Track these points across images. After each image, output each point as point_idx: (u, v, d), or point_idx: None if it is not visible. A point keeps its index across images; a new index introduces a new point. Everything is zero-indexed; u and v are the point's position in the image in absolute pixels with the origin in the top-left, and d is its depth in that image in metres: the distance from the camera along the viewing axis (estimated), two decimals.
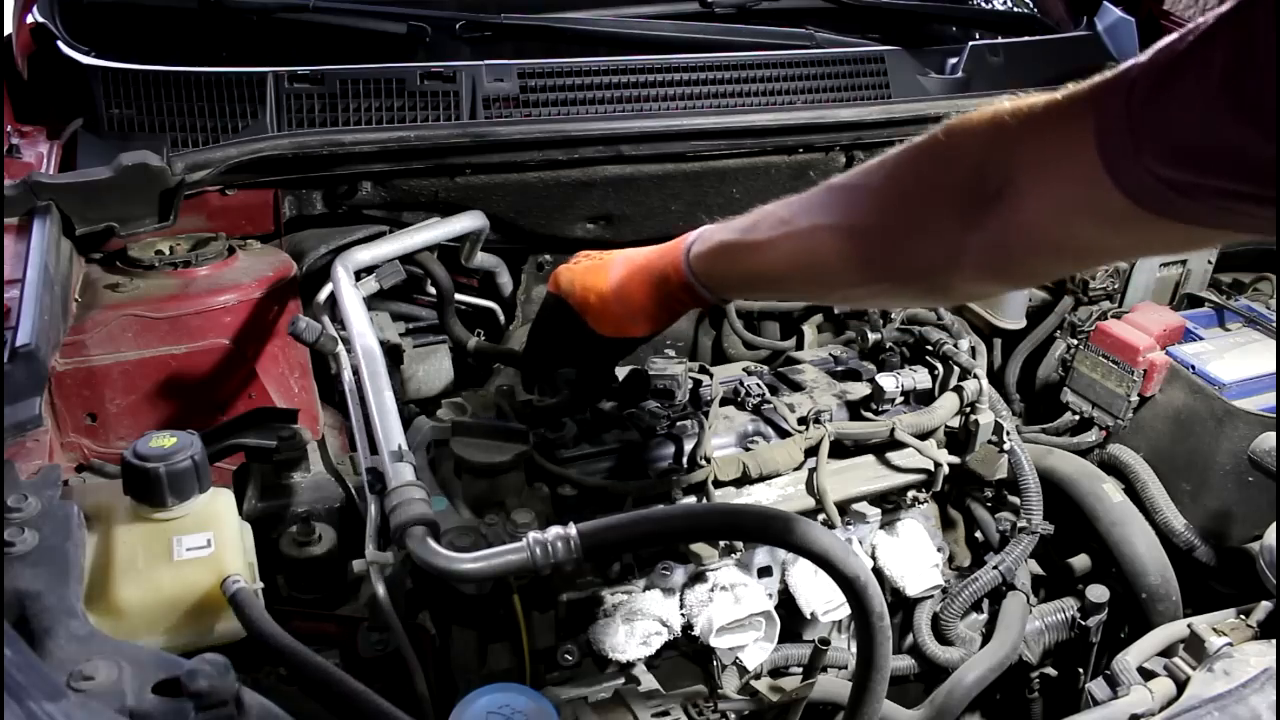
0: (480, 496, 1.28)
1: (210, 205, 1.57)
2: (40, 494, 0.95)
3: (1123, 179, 0.72)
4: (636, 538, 1.08)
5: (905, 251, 0.94)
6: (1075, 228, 0.80)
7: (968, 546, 1.68)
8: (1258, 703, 0.99)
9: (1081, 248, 0.84)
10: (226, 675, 0.70)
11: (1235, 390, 1.63)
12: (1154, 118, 0.69)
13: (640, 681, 1.29)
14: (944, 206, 0.89)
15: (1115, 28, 2.07)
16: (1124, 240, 0.81)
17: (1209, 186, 0.67)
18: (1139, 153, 0.70)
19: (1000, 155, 0.83)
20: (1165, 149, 0.69)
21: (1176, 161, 0.68)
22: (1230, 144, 0.64)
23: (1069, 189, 0.78)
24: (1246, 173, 0.65)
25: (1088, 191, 0.75)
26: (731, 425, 1.45)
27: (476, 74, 1.60)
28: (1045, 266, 0.92)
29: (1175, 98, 0.68)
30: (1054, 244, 0.84)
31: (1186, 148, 0.68)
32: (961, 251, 0.88)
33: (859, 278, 1.02)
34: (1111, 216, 0.75)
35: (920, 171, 0.92)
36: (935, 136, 0.89)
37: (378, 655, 1.11)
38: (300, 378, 1.51)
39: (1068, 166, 0.77)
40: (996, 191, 0.83)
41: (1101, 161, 0.73)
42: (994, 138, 0.84)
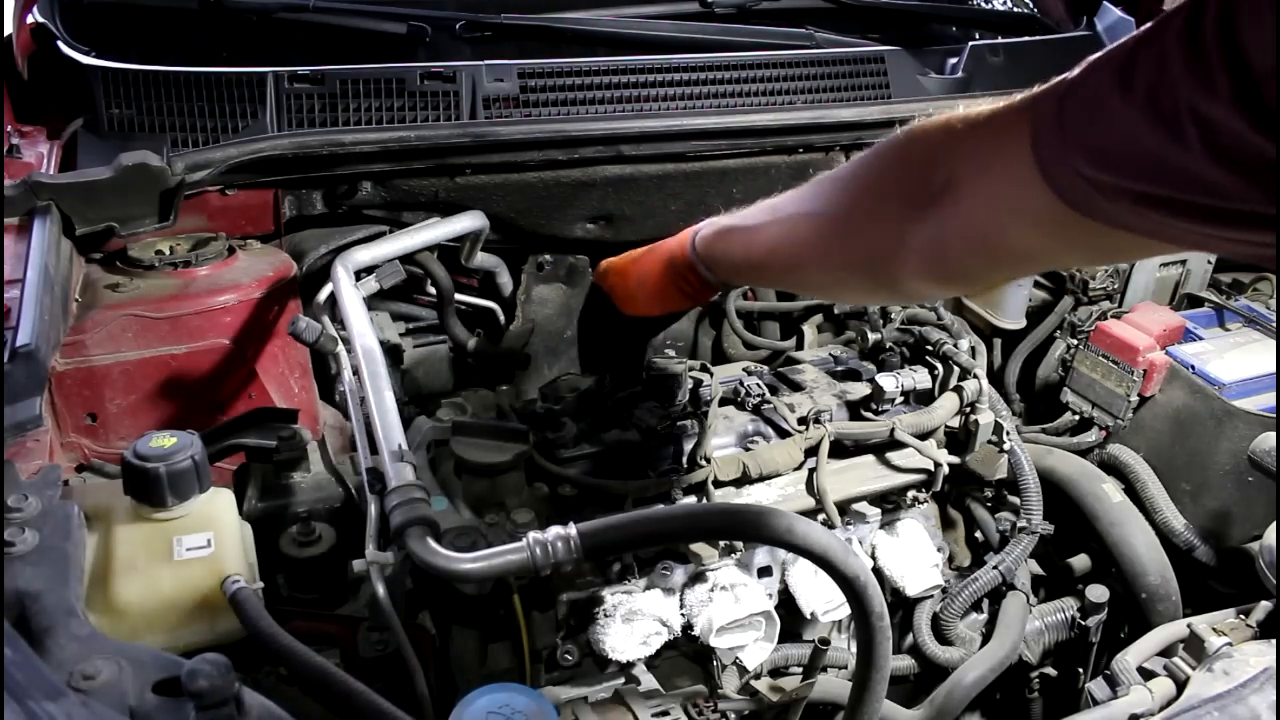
0: (480, 496, 1.28)
1: (210, 205, 1.57)
2: (40, 494, 0.94)
3: (1052, 177, 0.77)
4: (636, 538, 1.08)
5: (856, 239, 1.02)
6: (1009, 226, 0.85)
7: (968, 546, 1.68)
8: (1257, 703, 0.99)
9: (1015, 248, 0.88)
10: (226, 675, 0.70)
11: (1235, 390, 1.63)
12: (1083, 123, 0.75)
13: (640, 681, 1.30)
14: (893, 198, 0.95)
15: (1115, 28, 2.07)
16: (1056, 242, 0.85)
17: (1130, 191, 0.72)
18: (1068, 153, 0.75)
19: (946, 155, 0.89)
20: (1092, 152, 0.74)
21: (1102, 164, 0.73)
22: (1151, 152, 0.69)
23: (1003, 187, 0.83)
24: (1165, 179, 0.69)
25: (1020, 190, 0.80)
26: (731, 425, 1.45)
27: (476, 74, 1.60)
28: (982, 267, 0.96)
29: (1104, 106, 0.73)
30: (989, 242, 0.89)
31: (1111, 152, 0.72)
32: (903, 243, 0.95)
33: (822, 264, 1.10)
34: (1042, 216, 0.80)
35: (879, 165, 1.00)
36: (897, 135, 0.96)
37: (378, 655, 1.11)
38: (300, 378, 1.51)
39: (1003, 166, 0.82)
40: (940, 188, 0.89)
41: (1034, 160, 0.78)
42: (943, 139, 0.91)
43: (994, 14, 2.31)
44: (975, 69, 1.90)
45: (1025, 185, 0.79)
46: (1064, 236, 0.82)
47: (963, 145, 0.88)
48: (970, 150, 0.87)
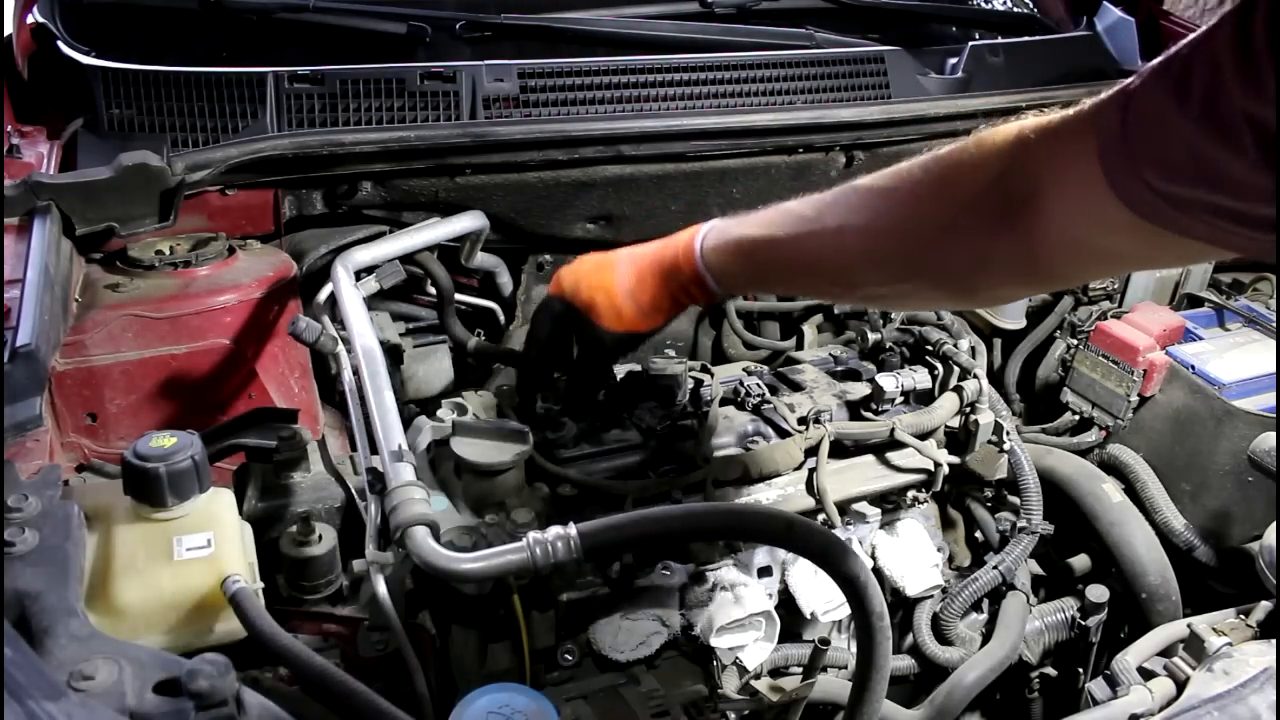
0: (480, 496, 1.28)
1: (210, 205, 1.57)
2: (40, 494, 0.94)
3: (1122, 192, 0.77)
4: (636, 538, 1.08)
5: (932, 253, 0.98)
6: (1093, 235, 0.86)
7: (968, 546, 1.68)
8: (1257, 703, 0.99)
9: (1104, 252, 0.89)
10: (226, 675, 0.70)
11: (1235, 390, 1.63)
12: (1146, 136, 0.75)
13: (640, 681, 1.30)
14: (971, 211, 0.93)
15: (1115, 28, 2.07)
16: (1136, 248, 0.86)
17: (1197, 201, 0.72)
18: (1135, 168, 0.75)
19: (1022, 165, 0.88)
20: (1157, 165, 0.74)
21: (1168, 177, 0.73)
22: (1213, 164, 0.69)
23: (1079, 201, 0.83)
24: (1227, 189, 0.70)
25: (1095, 201, 0.80)
26: (731, 425, 1.45)
27: (476, 74, 1.59)
28: (1071, 270, 0.99)
29: (1164, 118, 0.73)
30: (1078, 250, 0.90)
31: (1175, 164, 0.72)
32: (989, 256, 0.94)
33: (886, 277, 1.06)
34: (1119, 227, 0.80)
35: (950, 176, 0.96)
36: (965, 145, 0.95)
37: (378, 655, 1.11)
38: (300, 378, 1.51)
39: (1076, 178, 0.82)
40: (1021, 200, 0.88)
41: (1104, 176, 0.78)
42: (1016, 149, 0.90)
43: (994, 14, 2.31)
44: (975, 69, 1.90)
45: (1098, 197, 0.79)
46: (1144, 242, 0.82)
47: (1037, 156, 0.88)
48: (1044, 161, 0.87)
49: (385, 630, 1.09)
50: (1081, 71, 1.98)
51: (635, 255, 1.29)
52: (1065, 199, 0.85)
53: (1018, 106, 1.85)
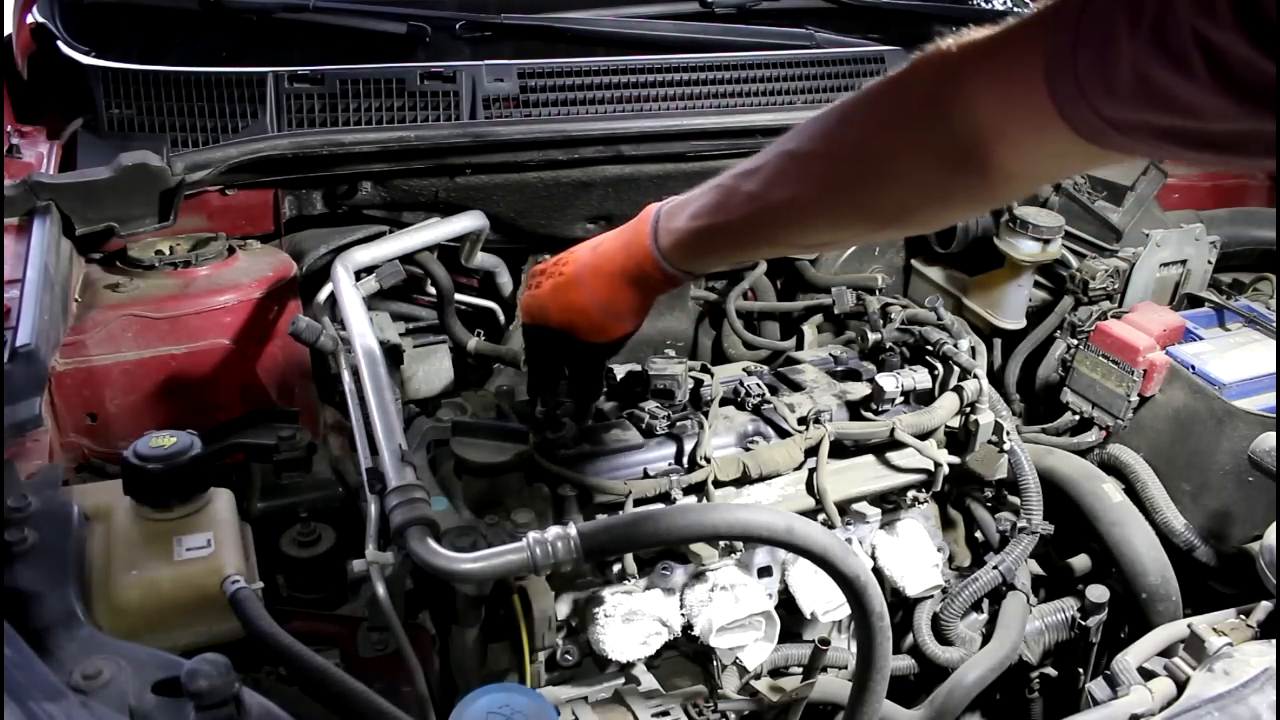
0: (480, 496, 1.28)
1: (210, 205, 1.57)
2: (40, 494, 0.95)
3: (1069, 117, 0.78)
4: (636, 538, 1.08)
5: (896, 200, 1.00)
6: (1041, 164, 0.91)
7: (968, 546, 1.68)
8: (1258, 703, 0.99)
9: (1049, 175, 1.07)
10: (226, 675, 0.70)
11: (1235, 390, 1.63)
12: (1095, 61, 0.75)
13: (640, 681, 1.30)
14: (928, 159, 0.94)
15: None
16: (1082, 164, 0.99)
17: (1145, 125, 0.74)
18: (1084, 92, 0.76)
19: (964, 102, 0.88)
20: (1105, 90, 0.75)
21: (1116, 101, 0.74)
22: (1161, 87, 0.70)
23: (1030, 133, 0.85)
24: (1179, 111, 0.71)
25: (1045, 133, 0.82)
26: (731, 425, 1.45)
27: (476, 74, 1.60)
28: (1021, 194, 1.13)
29: (1114, 41, 0.73)
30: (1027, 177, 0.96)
31: (1124, 89, 0.73)
32: (948, 194, 0.96)
33: (846, 232, 1.15)
34: (1068, 152, 0.83)
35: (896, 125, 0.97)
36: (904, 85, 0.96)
37: (378, 655, 1.11)
38: (300, 378, 1.51)
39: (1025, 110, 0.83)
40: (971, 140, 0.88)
41: (1052, 103, 0.78)
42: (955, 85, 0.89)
43: (994, 14, 2.31)
44: None
45: (1048, 126, 0.80)
46: (1092, 160, 0.86)
47: (979, 86, 0.87)
48: (989, 92, 0.86)
49: (385, 630, 1.09)
50: None
51: (596, 268, 1.24)
52: (1015, 133, 0.86)
53: None
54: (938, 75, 0.91)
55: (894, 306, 1.75)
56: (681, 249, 1.17)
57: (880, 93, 0.97)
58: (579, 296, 1.23)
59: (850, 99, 0.99)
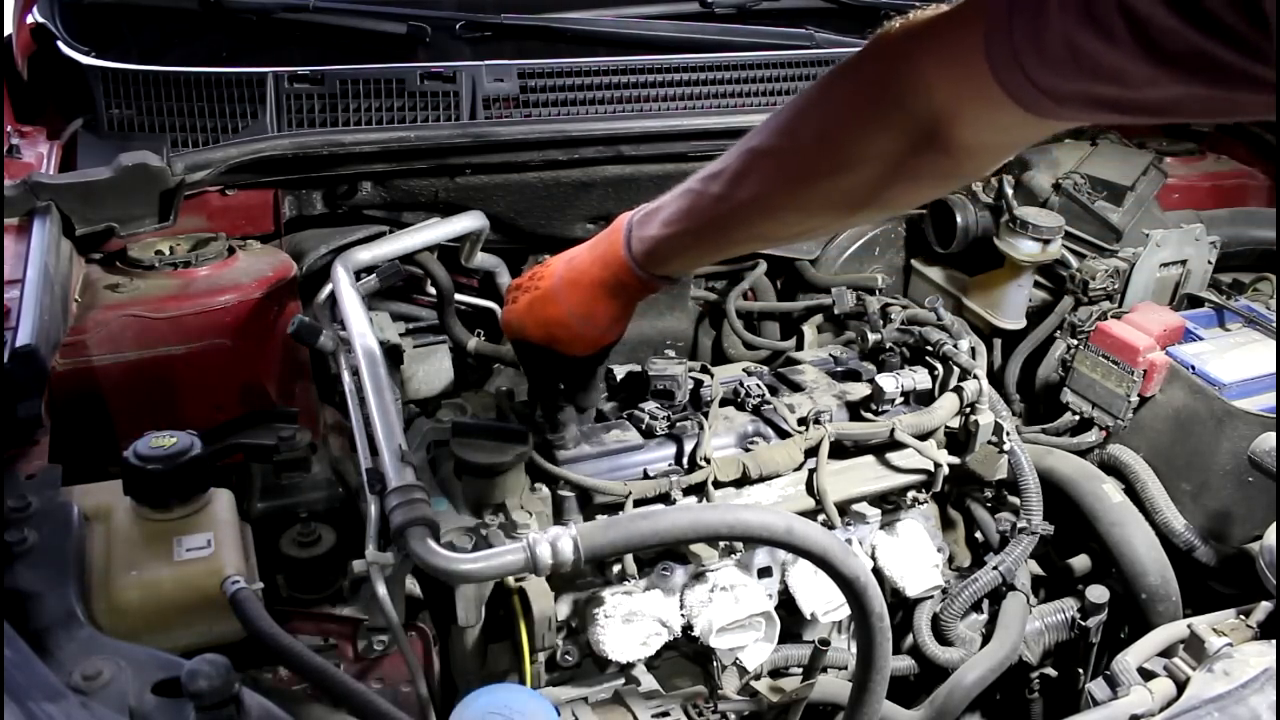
0: (480, 496, 1.28)
1: (210, 205, 1.57)
2: (40, 494, 0.95)
3: (1006, 85, 0.81)
4: (636, 538, 1.08)
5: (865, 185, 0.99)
6: (992, 137, 0.92)
7: (968, 546, 1.68)
8: (1258, 703, 0.99)
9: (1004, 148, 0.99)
10: (226, 675, 0.70)
11: (1235, 390, 1.63)
12: (1028, 29, 0.78)
13: (640, 681, 1.30)
14: (892, 140, 0.95)
15: None
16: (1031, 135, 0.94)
17: (1078, 94, 0.77)
18: (1017, 59, 0.79)
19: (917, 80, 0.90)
20: (1038, 58, 0.77)
21: (1048, 69, 0.77)
22: (1088, 54, 0.73)
23: (975, 105, 0.87)
24: (1107, 78, 0.74)
25: (988, 104, 0.84)
26: (731, 425, 1.45)
27: (476, 74, 1.60)
28: (984, 168, 1.04)
29: (1044, 10, 0.76)
30: (983, 151, 0.96)
31: (1054, 58, 0.76)
32: (916, 172, 0.97)
33: (818, 221, 1.12)
34: (1012, 124, 0.86)
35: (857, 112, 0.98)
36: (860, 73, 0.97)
37: (378, 655, 1.11)
38: (300, 378, 1.51)
39: (968, 82, 0.85)
40: (926, 118, 0.90)
41: (990, 71, 0.81)
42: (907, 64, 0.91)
43: None
44: None
45: (992, 98, 0.83)
46: (1037, 129, 0.89)
47: (928, 68, 0.89)
48: (936, 71, 0.89)
49: (385, 630, 1.09)
50: None
51: (573, 281, 1.22)
52: (967, 109, 0.88)
53: None
54: (889, 59, 0.93)
55: (894, 307, 1.75)
56: (656, 255, 1.16)
57: (835, 81, 0.99)
58: (556, 311, 1.22)
59: (807, 90, 1.02)
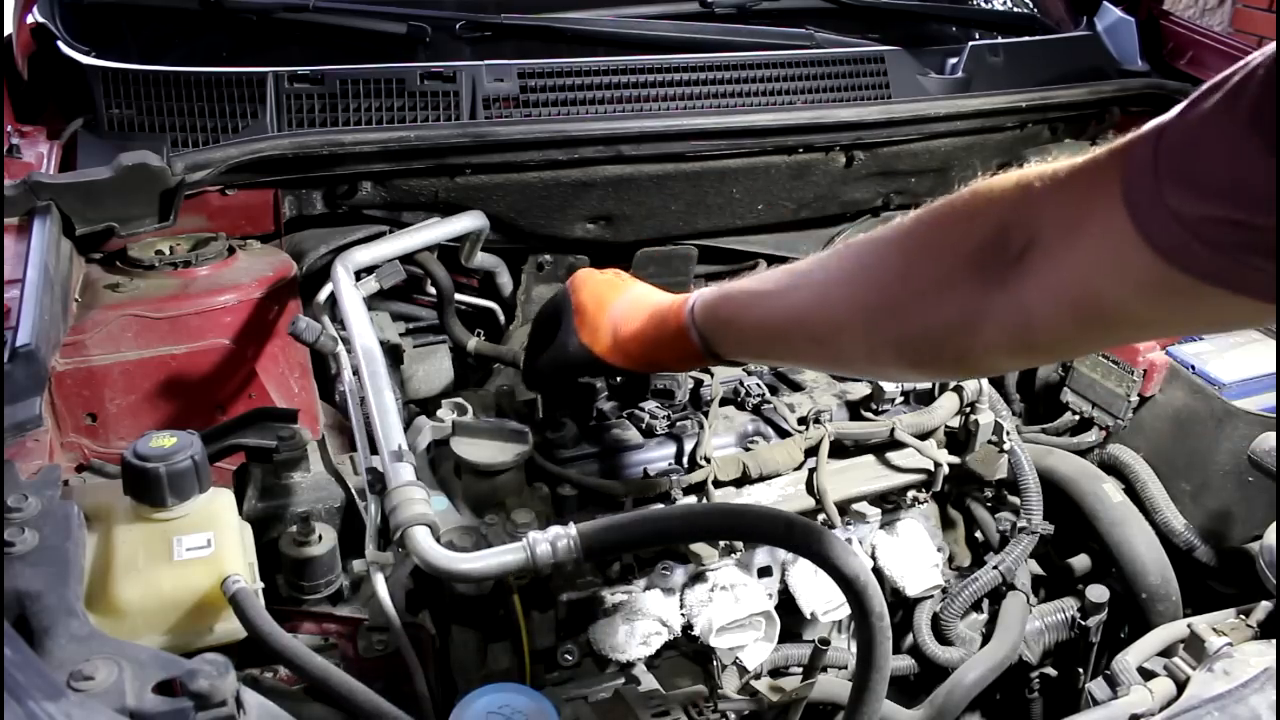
0: (480, 496, 1.28)
1: (210, 205, 1.57)
2: (40, 494, 0.95)
3: (1144, 222, 0.69)
4: (636, 538, 1.08)
5: (916, 310, 0.90)
6: (1104, 289, 0.76)
7: (968, 546, 1.68)
8: (1258, 703, 0.99)
9: (1112, 313, 0.78)
10: (226, 675, 0.70)
11: (1235, 390, 1.63)
12: (1180, 152, 0.68)
13: (640, 681, 1.29)
14: (963, 265, 0.85)
15: (1115, 28, 2.07)
16: (1155, 307, 0.76)
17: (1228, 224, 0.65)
18: (1161, 190, 0.68)
19: (1025, 214, 0.80)
20: (1187, 182, 0.67)
21: (1197, 193, 0.66)
22: (1253, 175, 0.63)
23: (1094, 244, 0.75)
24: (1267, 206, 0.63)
25: (1113, 245, 0.72)
26: (731, 425, 1.45)
27: (476, 74, 1.59)
28: (1075, 336, 0.85)
29: (1204, 130, 0.67)
30: (1083, 309, 0.79)
31: (1208, 178, 0.66)
32: (981, 314, 0.84)
33: (865, 332, 0.96)
34: (1138, 275, 0.72)
35: (942, 227, 0.89)
36: (961, 194, 0.86)
37: (378, 655, 1.11)
38: (300, 378, 1.51)
39: (1092, 220, 0.74)
40: (1020, 251, 0.80)
41: (1126, 208, 0.70)
42: (1020, 196, 0.81)
43: (994, 14, 2.32)
44: (975, 69, 1.90)
45: (1118, 239, 0.71)
46: (1164, 299, 0.73)
47: (1046, 203, 0.79)
48: (1055, 207, 0.78)
49: (385, 630, 1.09)
50: (1082, 71, 1.98)
51: (646, 292, 1.24)
52: (1075, 249, 0.76)
53: (1018, 107, 1.85)
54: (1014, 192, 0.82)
55: None
56: (710, 309, 1.12)
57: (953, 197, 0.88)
58: (612, 293, 1.25)
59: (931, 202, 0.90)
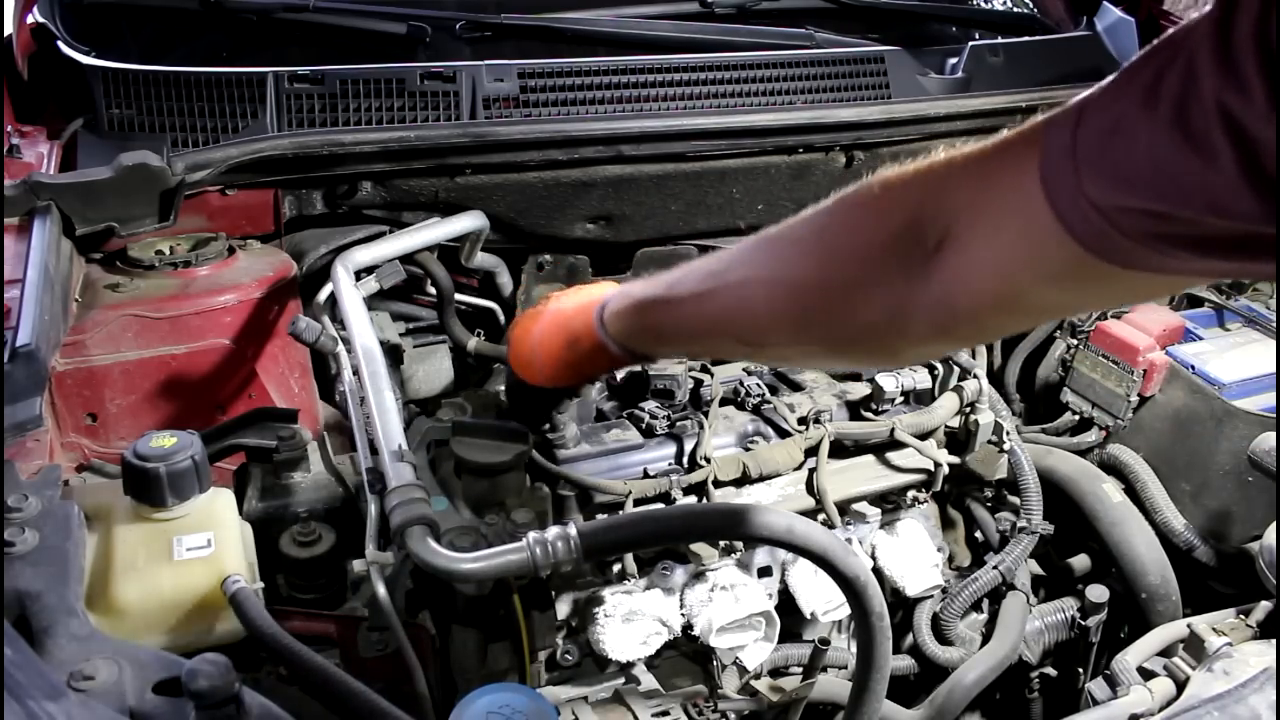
0: (480, 496, 1.28)
1: (210, 205, 1.57)
2: (40, 494, 0.95)
3: (1063, 211, 0.68)
4: (636, 538, 1.08)
5: (844, 310, 0.87)
6: (1021, 277, 0.75)
7: (968, 546, 1.68)
8: (1257, 703, 0.99)
9: (1027, 300, 0.78)
10: (226, 675, 0.70)
11: (1235, 390, 1.63)
12: (1099, 144, 0.67)
13: (640, 681, 1.30)
14: (881, 261, 0.82)
15: (1115, 28, 2.07)
16: (1072, 292, 0.76)
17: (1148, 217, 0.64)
18: (1080, 180, 0.67)
19: (939, 202, 0.78)
20: (1108, 175, 0.66)
21: (1118, 188, 0.65)
22: (1176, 173, 0.62)
23: (1010, 232, 0.73)
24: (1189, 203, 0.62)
25: (1030, 233, 0.71)
26: (731, 425, 1.45)
27: (476, 74, 1.59)
28: (994, 322, 0.85)
29: (1123, 123, 0.65)
30: (1003, 298, 0.78)
31: (1129, 175, 0.64)
32: (906, 311, 0.82)
33: (792, 336, 0.95)
34: (1056, 263, 0.71)
35: (855, 224, 0.86)
36: (869, 186, 0.84)
37: (378, 655, 1.11)
38: (300, 378, 1.51)
39: (1008, 206, 0.72)
40: (937, 243, 0.78)
41: (1044, 193, 0.68)
42: (931, 185, 0.79)
43: (994, 14, 2.31)
44: (975, 69, 1.89)
45: (1035, 226, 0.69)
46: (1081, 284, 0.72)
47: (959, 190, 0.77)
48: (969, 194, 0.76)
49: (385, 630, 1.09)
50: (1082, 71, 1.98)
51: (558, 308, 1.20)
52: (992, 236, 0.74)
53: (1018, 107, 1.85)
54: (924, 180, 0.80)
55: None
56: (621, 317, 1.09)
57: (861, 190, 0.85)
58: (531, 322, 1.23)
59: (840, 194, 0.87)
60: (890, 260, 0.81)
